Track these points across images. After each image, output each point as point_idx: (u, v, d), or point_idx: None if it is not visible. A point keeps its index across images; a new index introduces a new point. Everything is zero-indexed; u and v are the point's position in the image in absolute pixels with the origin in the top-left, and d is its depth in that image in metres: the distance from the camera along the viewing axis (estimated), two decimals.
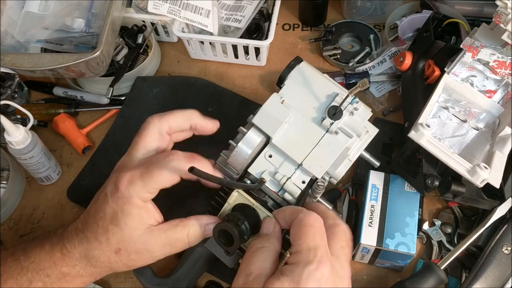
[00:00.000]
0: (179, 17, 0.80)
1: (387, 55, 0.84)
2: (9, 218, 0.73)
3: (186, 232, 0.55)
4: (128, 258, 0.54)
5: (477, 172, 0.58)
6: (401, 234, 0.62)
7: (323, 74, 0.62)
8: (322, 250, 0.47)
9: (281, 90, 0.60)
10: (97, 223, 0.54)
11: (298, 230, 0.49)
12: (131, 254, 0.54)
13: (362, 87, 0.54)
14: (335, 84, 0.61)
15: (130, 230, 0.53)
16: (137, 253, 0.54)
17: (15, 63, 0.72)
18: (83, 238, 0.55)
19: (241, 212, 0.55)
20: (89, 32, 0.79)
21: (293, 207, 0.54)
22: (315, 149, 0.57)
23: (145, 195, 0.54)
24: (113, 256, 0.54)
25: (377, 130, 0.60)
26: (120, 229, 0.53)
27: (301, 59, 0.62)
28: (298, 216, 0.50)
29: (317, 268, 0.45)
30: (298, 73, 0.61)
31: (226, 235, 0.53)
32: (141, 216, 0.54)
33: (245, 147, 0.57)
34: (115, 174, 0.56)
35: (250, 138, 0.58)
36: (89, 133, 0.80)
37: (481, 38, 0.71)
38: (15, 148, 0.67)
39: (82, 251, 0.54)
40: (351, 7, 0.89)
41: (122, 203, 0.53)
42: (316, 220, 0.49)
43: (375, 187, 0.66)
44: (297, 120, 0.59)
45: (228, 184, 0.57)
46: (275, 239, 0.51)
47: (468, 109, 0.69)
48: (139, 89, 0.81)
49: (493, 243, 0.61)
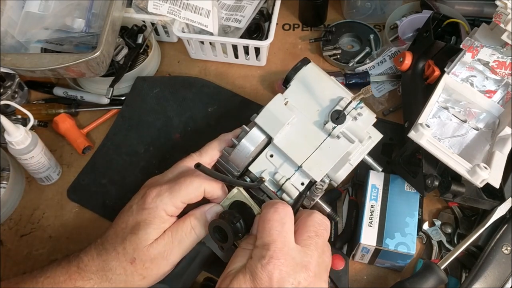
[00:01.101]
0: (179, 17, 0.80)
1: (387, 55, 0.84)
2: (9, 218, 0.73)
3: (189, 223, 0.55)
4: (143, 267, 0.54)
5: (477, 172, 0.58)
6: (401, 234, 0.62)
7: (330, 76, 0.62)
8: (277, 244, 0.48)
9: (285, 91, 0.61)
10: (117, 234, 0.55)
11: (259, 226, 0.51)
12: (146, 263, 0.54)
13: (365, 95, 0.54)
14: (341, 87, 0.61)
15: (147, 239, 0.54)
16: (151, 260, 0.54)
17: (15, 63, 0.72)
18: (102, 250, 0.55)
19: (238, 209, 0.55)
20: (89, 32, 0.79)
21: (269, 201, 0.54)
22: (316, 152, 0.58)
23: (170, 209, 0.55)
24: (129, 267, 0.54)
25: (381, 136, 0.60)
26: (137, 238, 0.54)
27: (309, 60, 0.62)
28: (262, 210, 0.52)
29: (269, 262, 0.47)
30: (305, 75, 0.61)
31: (221, 232, 0.53)
32: (162, 228, 0.55)
33: (247, 144, 0.58)
34: (144, 189, 0.58)
35: (253, 136, 0.58)
36: (89, 133, 0.80)
37: (481, 38, 0.71)
38: (15, 148, 0.67)
39: (99, 264, 0.54)
40: (351, 7, 0.89)
41: (147, 214, 0.54)
42: (275, 214, 0.51)
43: (375, 187, 0.66)
44: (300, 122, 0.59)
45: (229, 182, 0.57)
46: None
47: (468, 109, 0.69)
48: (139, 89, 0.81)
49: (493, 243, 0.62)
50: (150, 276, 0.55)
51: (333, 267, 0.64)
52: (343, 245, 0.68)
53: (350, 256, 0.66)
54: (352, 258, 0.67)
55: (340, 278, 0.64)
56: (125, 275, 0.54)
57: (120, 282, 0.55)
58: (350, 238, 0.68)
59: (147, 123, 0.78)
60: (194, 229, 0.55)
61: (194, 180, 0.56)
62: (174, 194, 0.55)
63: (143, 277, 0.55)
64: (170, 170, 0.61)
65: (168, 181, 0.57)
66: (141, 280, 0.55)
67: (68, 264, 0.55)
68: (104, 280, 0.54)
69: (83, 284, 0.54)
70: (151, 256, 0.54)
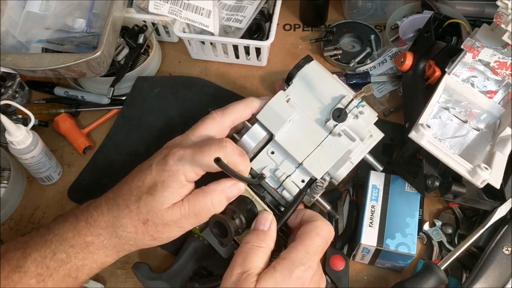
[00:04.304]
0: (180, 17, 0.80)
1: (387, 56, 0.84)
2: (10, 218, 0.73)
3: (210, 199, 0.54)
4: (155, 229, 0.54)
5: (478, 173, 0.58)
6: (401, 234, 0.62)
7: (333, 74, 0.62)
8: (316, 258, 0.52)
9: (287, 89, 0.61)
10: (132, 191, 0.55)
11: (308, 233, 0.52)
12: (158, 226, 0.54)
13: (367, 93, 0.54)
14: (343, 85, 0.61)
15: (163, 203, 0.53)
16: (164, 225, 0.54)
17: (16, 63, 0.72)
18: (113, 205, 0.55)
19: (238, 205, 0.55)
20: (90, 32, 0.79)
21: (312, 212, 0.56)
22: (317, 149, 0.58)
23: (190, 175, 0.54)
24: (140, 227, 0.54)
25: (382, 134, 0.60)
26: (154, 200, 0.53)
27: (311, 58, 0.62)
28: (315, 221, 0.54)
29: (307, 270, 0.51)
30: (307, 73, 0.61)
31: (221, 227, 0.54)
32: (179, 193, 0.54)
33: (249, 141, 0.58)
34: (166, 150, 0.57)
35: (255, 132, 0.58)
36: (89, 133, 0.80)
37: (482, 39, 0.71)
38: (16, 148, 0.67)
39: (109, 220, 0.54)
40: (352, 7, 0.89)
41: (166, 176, 0.53)
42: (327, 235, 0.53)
43: (375, 187, 0.66)
44: (301, 119, 0.59)
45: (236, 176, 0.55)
46: (271, 240, 0.53)
47: (469, 110, 0.69)
48: (140, 89, 0.81)
49: (494, 244, 0.62)
50: (160, 238, 0.55)
51: (334, 267, 0.65)
52: (344, 246, 0.68)
53: (351, 257, 0.66)
54: (353, 259, 0.67)
55: (340, 278, 0.64)
56: (135, 233, 0.54)
57: (130, 240, 0.55)
58: (350, 238, 0.68)
59: (148, 123, 0.78)
60: (213, 207, 0.54)
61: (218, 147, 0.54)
62: (197, 161, 0.53)
63: (154, 239, 0.55)
64: (192, 131, 0.60)
65: (192, 146, 0.56)
66: (150, 240, 0.55)
67: (76, 220, 0.55)
68: (113, 236, 0.54)
69: (93, 239, 0.54)
70: (165, 221, 0.53)
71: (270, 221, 0.54)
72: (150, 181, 0.54)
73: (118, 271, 0.67)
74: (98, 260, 0.55)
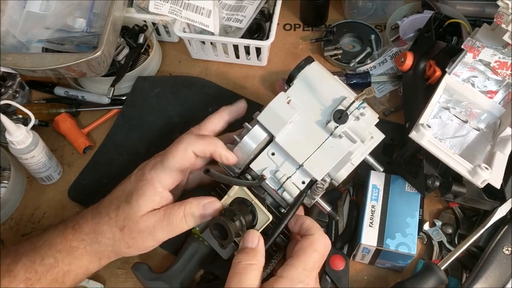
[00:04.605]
0: (180, 17, 0.80)
1: (388, 56, 0.84)
2: (10, 218, 0.73)
3: (182, 211, 0.56)
4: (130, 236, 0.56)
5: (478, 173, 0.58)
6: (401, 234, 0.62)
7: (334, 75, 0.62)
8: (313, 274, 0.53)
9: (288, 90, 0.61)
10: (112, 200, 0.58)
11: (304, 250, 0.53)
12: (133, 233, 0.56)
13: (368, 95, 0.54)
14: (344, 87, 0.61)
15: (138, 209, 0.56)
16: (139, 231, 0.56)
17: (16, 63, 0.72)
18: (96, 213, 0.58)
19: (239, 207, 0.55)
20: (90, 32, 0.79)
21: (313, 222, 0.57)
22: (318, 151, 0.58)
23: (165, 180, 0.57)
24: (118, 233, 0.56)
25: (383, 136, 0.60)
26: (130, 207, 0.56)
27: (312, 59, 0.62)
28: (312, 235, 0.54)
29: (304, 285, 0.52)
30: (308, 74, 0.61)
31: (221, 229, 0.54)
32: (153, 200, 0.57)
33: (249, 142, 0.58)
34: (144, 162, 0.61)
35: (255, 134, 0.58)
36: (90, 133, 0.80)
37: (482, 39, 0.71)
38: (16, 147, 0.67)
39: (92, 226, 0.57)
40: (352, 7, 0.89)
41: (142, 184, 0.57)
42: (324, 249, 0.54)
43: (375, 187, 0.66)
44: (302, 120, 0.59)
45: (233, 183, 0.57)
46: (261, 255, 0.54)
47: (469, 110, 0.69)
48: (140, 89, 0.81)
49: (494, 244, 0.61)
50: (135, 246, 0.57)
51: (334, 267, 0.64)
52: (344, 246, 0.68)
53: (351, 257, 0.66)
54: (353, 259, 0.67)
55: (340, 278, 0.64)
56: (113, 240, 0.57)
57: (108, 246, 0.57)
58: (350, 238, 0.68)
59: (148, 123, 0.78)
60: (185, 217, 0.56)
61: (179, 146, 0.58)
62: (165, 163, 0.57)
63: (129, 246, 0.57)
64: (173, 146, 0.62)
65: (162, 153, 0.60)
66: (126, 248, 0.57)
67: (65, 226, 0.58)
68: (94, 242, 0.57)
69: (78, 244, 0.57)
70: (139, 228, 0.56)
71: (258, 237, 0.54)
72: (128, 190, 0.58)
73: (118, 271, 0.67)
74: (83, 266, 0.58)
